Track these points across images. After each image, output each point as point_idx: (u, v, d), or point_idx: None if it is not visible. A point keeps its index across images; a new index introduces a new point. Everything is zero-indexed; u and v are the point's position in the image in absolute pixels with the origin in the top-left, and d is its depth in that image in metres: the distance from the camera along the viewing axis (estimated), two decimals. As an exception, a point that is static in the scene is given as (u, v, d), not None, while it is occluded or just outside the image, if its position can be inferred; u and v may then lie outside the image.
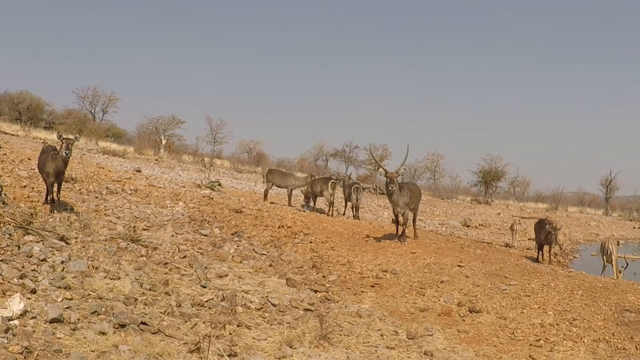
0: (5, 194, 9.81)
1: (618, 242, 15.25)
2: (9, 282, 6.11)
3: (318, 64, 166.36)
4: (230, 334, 5.97)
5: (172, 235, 10.76)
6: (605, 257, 14.95)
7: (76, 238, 8.78)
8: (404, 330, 7.34)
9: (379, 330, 7.25)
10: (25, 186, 12.71)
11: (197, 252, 9.81)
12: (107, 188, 14.55)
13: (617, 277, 14.44)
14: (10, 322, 5.18)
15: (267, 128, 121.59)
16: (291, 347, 5.91)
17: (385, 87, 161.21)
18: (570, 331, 8.21)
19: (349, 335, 6.73)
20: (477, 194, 56.83)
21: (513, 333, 8.01)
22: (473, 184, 59.04)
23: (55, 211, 10.44)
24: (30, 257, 7.17)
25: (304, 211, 18.63)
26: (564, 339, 7.90)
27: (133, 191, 15.03)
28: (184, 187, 19.66)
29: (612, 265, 14.67)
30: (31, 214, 8.75)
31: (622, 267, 15.01)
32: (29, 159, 16.98)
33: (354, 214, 19.23)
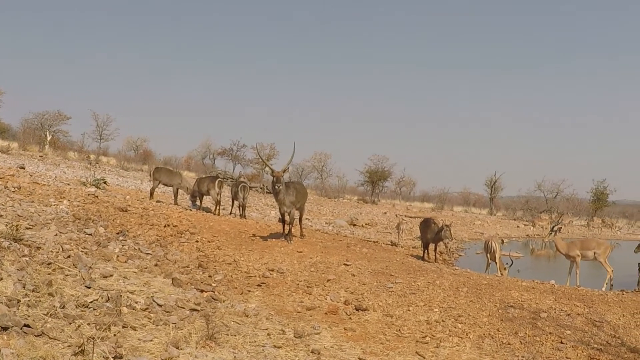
0: None
1: (502, 240, 16.07)
2: None
3: (207, 61, 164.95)
4: (115, 335, 5.86)
5: (56, 235, 10.39)
6: (489, 255, 15.68)
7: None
8: (291, 329, 7.41)
9: (266, 329, 7.29)
10: None
11: (81, 251, 9.54)
12: (-13, 185, 13.92)
13: (502, 274, 15.18)
14: None
15: (154, 125, 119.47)
16: (177, 348, 5.87)
17: (273, 86, 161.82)
18: (455, 327, 8.55)
19: (235, 335, 6.73)
20: (364, 193, 57.94)
21: (399, 330, 8.24)
22: (360, 184, 60.11)
23: None
24: None
25: (191, 210, 18.49)
26: (450, 335, 8.21)
27: (16, 188, 14.39)
28: (68, 184, 19.00)
29: (496, 263, 15.40)
30: None
31: (507, 264, 15.80)
32: None
33: (241, 212, 19.26)
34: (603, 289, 13.81)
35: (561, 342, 8.27)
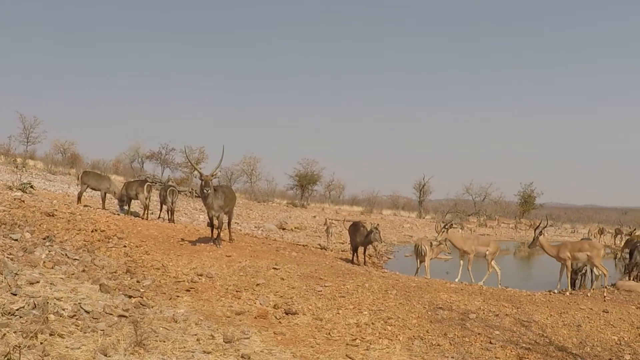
0: None
1: (431, 243, 16.31)
2: None
3: (135, 64, 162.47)
4: (42, 343, 5.76)
5: (-20, 241, 10.13)
6: (419, 258, 15.95)
7: None
8: (220, 334, 7.40)
9: (195, 334, 7.26)
10: None
11: (7, 257, 9.25)
12: None
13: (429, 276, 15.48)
14: None
15: (82, 128, 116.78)
16: (106, 355, 5.82)
17: (202, 90, 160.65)
18: (385, 330, 8.64)
19: (164, 341, 6.70)
20: (293, 197, 58.10)
21: (329, 333, 8.29)
22: (289, 187, 60.29)
23: None
24: None
25: (119, 214, 18.20)
26: (380, 338, 8.29)
27: (-63, 194, 13.91)
28: (-6, 188, 18.43)
29: (426, 265, 15.70)
30: None
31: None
32: None
33: (170, 217, 19.07)
34: (589, 291, 14.24)
35: (490, 342, 8.47)
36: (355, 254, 16.61)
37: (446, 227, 15.58)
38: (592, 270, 16.35)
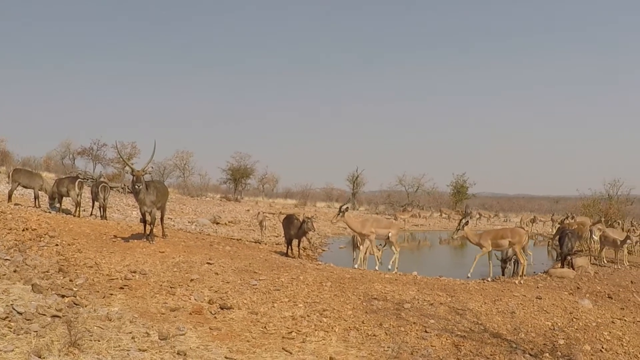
0: None
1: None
2: None
3: (64, 60, 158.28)
4: (-28, 347, 5.66)
5: None
6: (356, 250, 16.03)
7: None
8: (155, 332, 7.33)
9: (130, 332, 7.17)
10: None
11: None
12: None
13: (379, 262, 15.59)
14: None
15: (11, 125, 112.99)
16: (40, 357, 5.70)
17: (132, 84, 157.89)
18: (321, 322, 8.67)
19: (99, 340, 6.59)
20: (227, 191, 57.67)
21: (265, 327, 8.28)
22: (222, 181, 59.86)
23: None
24: None
25: (50, 212, 17.76)
26: (316, 330, 8.32)
27: None
28: None
29: (362, 255, 15.73)
30: None
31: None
32: None
33: (102, 214, 18.71)
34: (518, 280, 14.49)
35: (425, 331, 8.58)
36: (289, 247, 16.66)
37: (342, 211, 15.67)
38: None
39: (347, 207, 15.75)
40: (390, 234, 15.72)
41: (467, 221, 15.33)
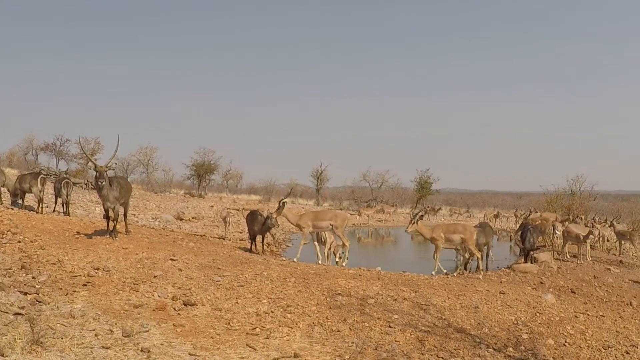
0: None
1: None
2: None
3: (26, 56, 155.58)
4: None
5: None
6: (320, 245, 16.04)
7: None
8: (119, 329, 7.25)
9: (94, 330, 7.08)
10: None
11: None
12: None
13: (339, 262, 15.64)
14: None
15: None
16: (2, 355, 5.59)
17: (97, 80, 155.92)
18: (285, 318, 8.63)
19: (62, 338, 6.50)
20: (191, 187, 57.35)
21: (229, 323, 8.22)
22: (186, 177, 59.43)
23: None
24: None
25: (12, 209, 17.45)
26: (280, 326, 8.27)
27: None
28: None
29: (326, 251, 15.76)
30: None
31: (342, 253, 16.32)
32: None
33: (65, 210, 18.46)
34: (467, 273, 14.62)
35: (389, 327, 8.60)
36: (253, 243, 16.64)
37: (280, 206, 15.72)
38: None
39: (285, 202, 15.86)
40: (330, 225, 15.71)
41: (422, 215, 15.44)
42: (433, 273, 14.33)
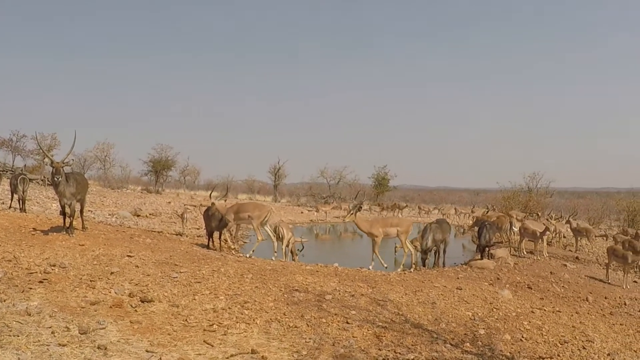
0: None
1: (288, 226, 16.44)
2: None
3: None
4: None
5: None
6: (278, 241, 16.03)
7: None
8: (75, 326, 7.15)
9: (50, 327, 6.97)
10: None
11: None
12: None
13: (293, 259, 15.64)
14: None
15: None
16: (-43, 354, 5.56)
17: (54, 75, 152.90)
18: (242, 314, 8.55)
19: (18, 336, 6.40)
20: (148, 183, 56.67)
21: (186, 320, 8.12)
22: (144, 174, 58.70)
23: None
24: None
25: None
26: (237, 322, 8.18)
27: None
28: None
29: (284, 247, 15.75)
30: None
31: (298, 249, 16.34)
32: None
33: (21, 206, 18.12)
34: (400, 269, 14.70)
35: (347, 323, 8.57)
36: (210, 239, 16.56)
37: (354, 210, 15.83)
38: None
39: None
40: (248, 216, 15.69)
41: (360, 207, 15.56)
42: (370, 267, 14.39)
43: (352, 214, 15.15)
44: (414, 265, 15.39)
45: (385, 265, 14.92)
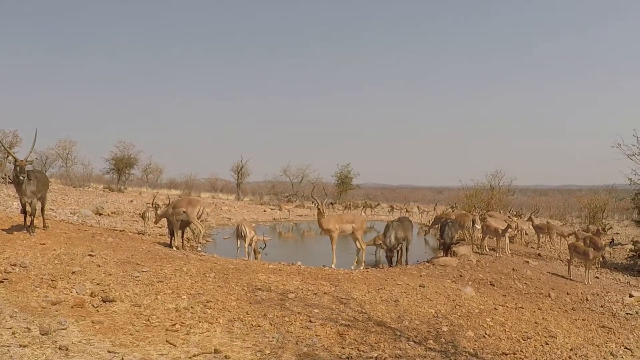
0: None
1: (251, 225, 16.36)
2: None
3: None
4: None
5: None
6: (240, 240, 15.94)
7: None
8: (36, 326, 7.01)
9: (11, 328, 6.84)
10: None
11: None
12: None
13: (256, 257, 15.56)
14: None
15: None
16: None
17: (15, 73, 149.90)
18: (205, 313, 8.49)
19: (-22, 337, 6.30)
20: (110, 181, 55.82)
21: (149, 320, 8.03)
22: (106, 172, 57.76)
23: None
24: None
25: None
26: (200, 321, 8.12)
27: None
28: None
29: (247, 246, 15.62)
30: None
31: (261, 248, 16.27)
32: None
33: (-20, 205, 17.73)
34: (352, 267, 14.71)
35: (310, 321, 8.55)
36: (173, 238, 16.43)
37: (155, 204, 15.80)
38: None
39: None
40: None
41: (332, 204, 15.67)
42: (333, 266, 14.35)
43: (321, 212, 15.15)
44: (362, 263, 15.48)
45: (334, 263, 14.86)
